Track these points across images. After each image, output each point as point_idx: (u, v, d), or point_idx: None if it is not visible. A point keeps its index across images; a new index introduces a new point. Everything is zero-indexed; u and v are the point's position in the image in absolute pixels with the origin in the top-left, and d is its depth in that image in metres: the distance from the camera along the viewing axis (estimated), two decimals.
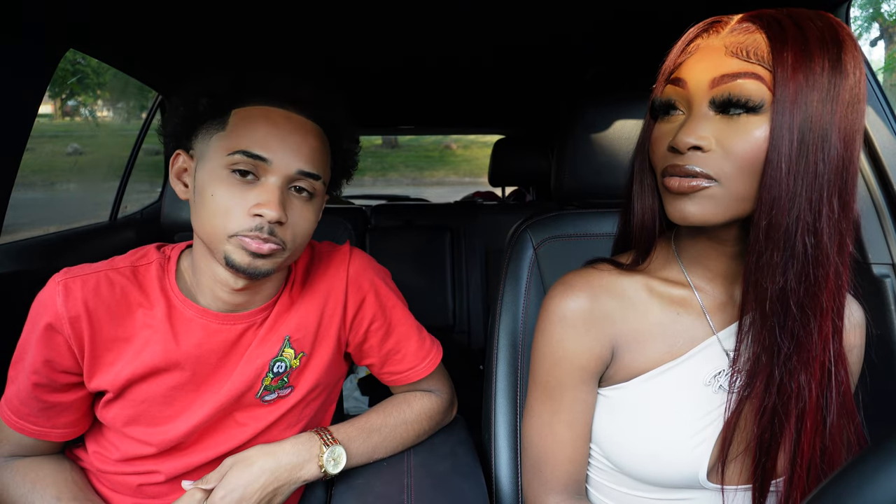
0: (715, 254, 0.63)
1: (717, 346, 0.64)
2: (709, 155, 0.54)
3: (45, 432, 0.74)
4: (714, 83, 0.54)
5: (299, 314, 0.79)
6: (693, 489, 0.63)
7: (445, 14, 1.09)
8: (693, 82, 0.55)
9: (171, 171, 0.75)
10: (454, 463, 0.83)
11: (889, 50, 7.53)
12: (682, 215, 0.56)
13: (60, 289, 0.70)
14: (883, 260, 0.80)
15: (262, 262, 0.68)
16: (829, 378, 0.58)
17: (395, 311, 0.86)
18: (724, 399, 0.62)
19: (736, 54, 0.53)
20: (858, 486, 0.35)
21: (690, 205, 0.55)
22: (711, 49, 0.55)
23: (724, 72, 0.53)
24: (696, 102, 0.55)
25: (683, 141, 0.54)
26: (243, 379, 0.75)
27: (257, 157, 0.67)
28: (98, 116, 8.87)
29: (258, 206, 0.67)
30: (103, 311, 0.71)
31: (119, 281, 0.73)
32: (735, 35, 0.55)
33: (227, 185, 0.68)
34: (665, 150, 0.57)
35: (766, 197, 0.52)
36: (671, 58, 0.60)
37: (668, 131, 0.58)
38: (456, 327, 2.06)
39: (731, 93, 0.52)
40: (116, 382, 0.72)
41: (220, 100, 0.71)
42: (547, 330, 0.68)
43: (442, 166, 12.73)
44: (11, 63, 0.92)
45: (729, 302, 0.65)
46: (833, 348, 0.57)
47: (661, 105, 0.58)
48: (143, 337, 0.73)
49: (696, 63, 0.56)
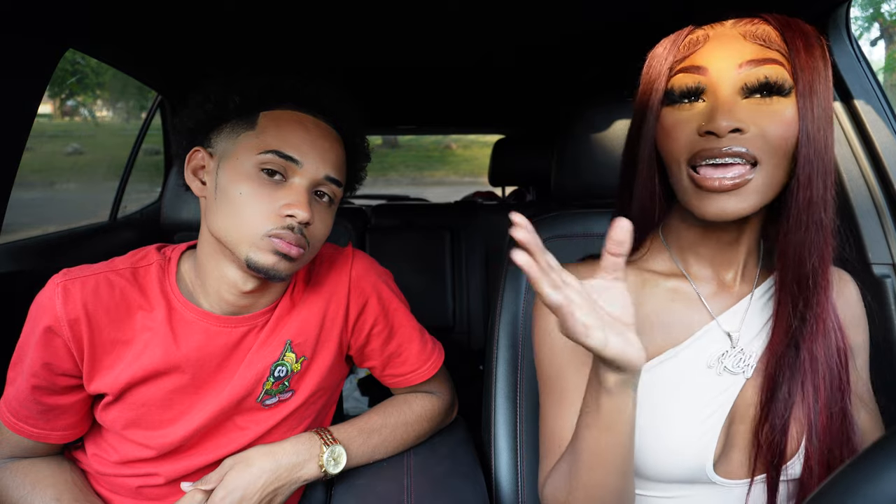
0: (711, 241, 0.64)
1: (716, 329, 0.64)
2: (747, 137, 0.54)
3: (44, 434, 0.74)
4: (742, 67, 0.55)
5: (301, 318, 0.79)
6: (700, 483, 0.63)
7: (446, 14, 1.09)
8: (715, 68, 0.56)
9: (187, 168, 0.74)
10: (454, 463, 0.83)
11: (889, 50, 7.54)
12: (720, 212, 0.56)
13: (59, 291, 0.69)
14: (883, 260, 0.80)
15: (285, 264, 0.68)
16: (837, 349, 0.61)
17: (398, 315, 0.86)
18: (728, 383, 0.63)
19: (755, 41, 0.55)
20: (859, 485, 0.35)
21: (732, 201, 0.55)
22: (727, 37, 0.57)
23: (751, 57, 0.55)
24: (722, 87, 0.55)
25: (722, 124, 0.53)
26: (244, 383, 0.75)
27: (289, 157, 0.68)
28: (97, 116, 8.87)
29: (289, 206, 0.67)
30: (103, 314, 0.71)
31: (119, 283, 0.73)
32: (744, 25, 0.57)
33: (256, 184, 0.68)
34: (691, 136, 0.56)
35: (803, 176, 0.55)
36: (669, 50, 0.60)
37: (689, 118, 0.57)
38: (456, 327, 2.06)
39: (766, 76, 0.54)
40: (116, 385, 0.71)
41: (252, 100, 0.72)
42: (543, 320, 0.68)
43: (442, 166, 12.73)
44: (11, 63, 0.92)
45: (722, 286, 0.66)
46: (834, 318, 0.62)
47: (683, 92, 0.57)
48: (142, 339, 0.73)
49: (714, 50, 0.56)
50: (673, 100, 0.59)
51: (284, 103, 0.73)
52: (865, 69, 0.88)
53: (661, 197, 0.64)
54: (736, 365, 0.63)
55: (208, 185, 0.72)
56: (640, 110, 0.63)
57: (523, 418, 0.84)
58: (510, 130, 2.88)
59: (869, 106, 0.85)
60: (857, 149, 0.85)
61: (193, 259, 0.77)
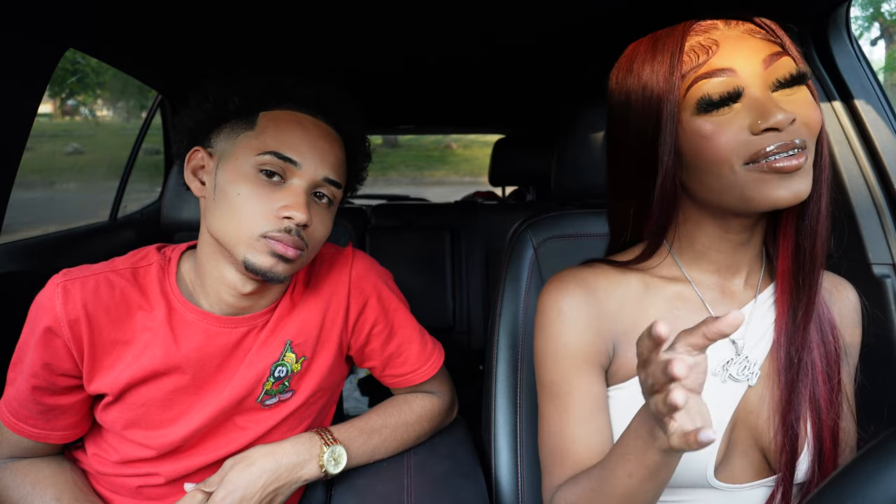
0: (724, 245, 0.64)
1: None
2: (796, 127, 0.55)
3: (44, 434, 0.74)
4: (767, 62, 0.55)
5: (301, 318, 0.79)
6: (700, 488, 0.63)
7: (446, 14, 1.09)
8: (743, 68, 0.55)
9: (187, 168, 0.74)
10: (454, 463, 0.83)
11: (889, 50, 7.54)
12: (795, 194, 0.55)
13: (59, 291, 0.69)
14: (883, 260, 0.80)
15: (283, 266, 0.68)
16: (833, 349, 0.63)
17: (398, 315, 0.86)
18: (732, 390, 0.62)
19: (761, 36, 0.57)
20: (859, 485, 0.35)
21: (800, 182, 0.55)
22: (737, 37, 0.57)
23: (769, 52, 0.56)
24: (755, 85, 0.55)
25: (781, 118, 0.53)
26: (244, 383, 0.75)
27: (287, 159, 0.68)
28: (98, 116, 8.88)
29: (287, 207, 0.67)
30: (102, 314, 0.71)
31: (119, 283, 0.73)
32: (741, 25, 0.58)
33: (255, 185, 0.68)
34: (741, 136, 0.55)
35: (825, 154, 0.59)
36: (665, 60, 0.58)
37: (730, 120, 0.56)
38: (456, 327, 2.06)
39: (798, 68, 0.56)
40: (116, 386, 0.71)
41: (251, 101, 0.71)
42: (545, 326, 0.67)
43: (442, 166, 12.73)
44: (11, 63, 0.92)
45: (725, 293, 0.66)
46: (829, 317, 0.65)
47: (723, 97, 0.56)
48: (142, 340, 0.72)
49: (734, 50, 0.56)
50: (709, 106, 0.56)
51: (284, 104, 0.72)
52: (865, 69, 0.88)
53: (678, 204, 0.63)
54: (741, 373, 0.63)
55: (207, 185, 0.72)
56: (647, 125, 0.60)
57: (523, 418, 0.84)
58: (510, 130, 2.88)
59: (869, 106, 0.85)
60: (857, 148, 0.85)
61: (193, 259, 0.77)
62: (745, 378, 0.63)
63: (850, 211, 0.82)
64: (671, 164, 0.59)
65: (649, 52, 0.60)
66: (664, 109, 0.58)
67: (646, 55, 0.61)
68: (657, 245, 0.67)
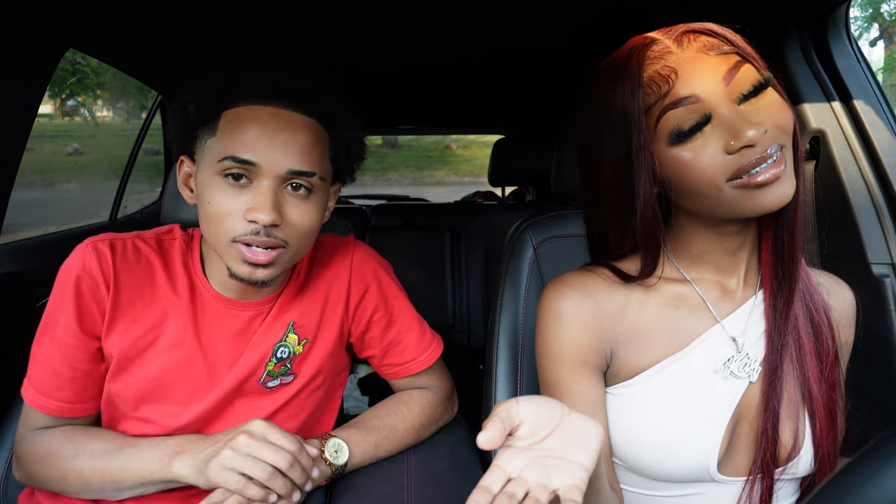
0: (721, 248, 0.65)
1: (721, 334, 0.65)
2: (769, 134, 0.55)
3: (68, 408, 0.74)
4: (727, 79, 0.55)
5: (304, 301, 0.81)
6: (703, 482, 0.64)
7: (446, 14, 1.09)
8: (706, 91, 0.55)
9: (179, 177, 0.76)
10: (454, 462, 0.83)
11: (889, 50, 7.54)
12: (780, 197, 0.56)
13: (90, 248, 0.73)
14: (883, 260, 0.80)
15: (262, 271, 0.68)
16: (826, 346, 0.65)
17: (397, 303, 0.87)
18: (733, 386, 0.63)
19: (713, 52, 0.56)
20: (859, 485, 0.35)
21: (784, 185, 0.56)
22: (692, 59, 0.56)
23: (726, 67, 0.55)
24: (721, 105, 0.55)
25: (752, 135, 0.53)
26: (248, 364, 0.76)
27: (245, 161, 0.66)
28: (98, 116, 8.87)
29: (251, 210, 0.66)
30: (127, 275, 0.74)
31: (144, 250, 0.76)
32: (692, 43, 0.57)
33: (222, 191, 0.68)
34: (719, 158, 0.56)
35: (800, 154, 0.60)
36: (627, 93, 0.58)
37: (704, 145, 0.56)
38: (456, 327, 2.06)
39: (759, 76, 0.56)
40: (133, 348, 0.73)
41: (208, 104, 0.71)
42: (544, 328, 0.68)
43: (442, 166, 12.74)
44: (11, 63, 0.92)
45: (725, 292, 0.67)
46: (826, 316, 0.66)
47: (693, 127, 0.56)
48: (161, 307, 0.75)
49: (692, 75, 0.56)
50: (682, 136, 0.56)
51: (242, 99, 0.70)
52: (865, 69, 0.88)
53: (661, 220, 0.64)
54: (742, 369, 0.64)
55: (195, 192, 0.74)
56: (620, 154, 0.61)
57: None
58: (510, 130, 2.89)
59: (868, 106, 0.85)
60: (856, 149, 0.85)
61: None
62: (746, 375, 0.63)
63: (849, 211, 0.83)
64: (649, 193, 0.60)
65: (610, 84, 0.61)
66: (633, 141, 0.59)
67: (607, 86, 0.61)
68: (654, 263, 0.66)
